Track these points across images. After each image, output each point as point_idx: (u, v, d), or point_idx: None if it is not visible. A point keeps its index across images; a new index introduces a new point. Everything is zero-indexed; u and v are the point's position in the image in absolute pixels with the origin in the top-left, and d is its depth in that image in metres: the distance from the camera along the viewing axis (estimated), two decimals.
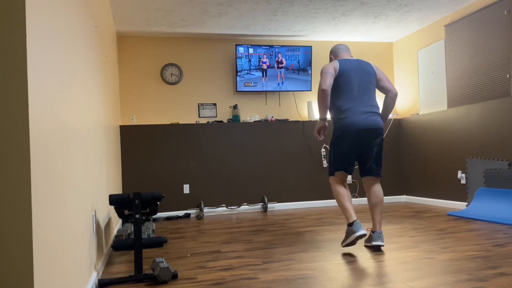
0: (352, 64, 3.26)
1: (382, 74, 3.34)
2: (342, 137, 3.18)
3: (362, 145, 3.17)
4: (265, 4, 4.81)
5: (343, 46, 3.44)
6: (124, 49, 5.82)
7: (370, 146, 3.18)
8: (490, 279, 2.32)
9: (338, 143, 3.22)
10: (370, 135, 3.16)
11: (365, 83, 3.22)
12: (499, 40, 4.58)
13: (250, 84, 5.97)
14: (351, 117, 3.14)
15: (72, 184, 1.93)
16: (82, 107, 2.33)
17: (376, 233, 3.15)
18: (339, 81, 3.22)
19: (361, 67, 3.26)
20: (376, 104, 3.25)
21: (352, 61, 3.29)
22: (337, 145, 3.24)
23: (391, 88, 3.32)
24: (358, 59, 3.32)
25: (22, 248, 1.23)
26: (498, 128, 4.54)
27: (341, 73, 3.21)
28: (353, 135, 3.14)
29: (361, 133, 3.13)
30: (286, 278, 2.51)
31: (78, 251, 2.03)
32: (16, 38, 1.24)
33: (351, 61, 3.28)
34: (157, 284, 2.50)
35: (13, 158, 1.23)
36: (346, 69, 3.22)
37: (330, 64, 3.26)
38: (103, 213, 3.23)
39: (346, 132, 3.15)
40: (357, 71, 3.23)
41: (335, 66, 3.24)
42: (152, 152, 5.53)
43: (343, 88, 3.21)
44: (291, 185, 5.94)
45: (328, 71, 3.20)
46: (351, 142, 3.16)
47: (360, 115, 3.14)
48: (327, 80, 3.17)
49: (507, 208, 4.20)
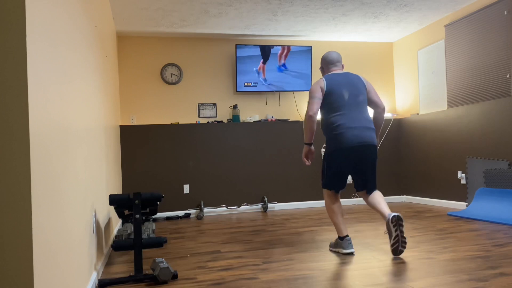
0: (340, 79, 3.19)
1: (371, 88, 3.28)
2: (335, 154, 3.12)
3: (356, 161, 3.11)
4: (265, 4, 4.81)
5: (334, 56, 3.33)
6: (124, 49, 5.81)
7: (364, 161, 3.12)
8: (490, 279, 2.32)
9: (332, 159, 3.16)
10: (364, 151, 3.09)
11: (355, 98, 3.15)
12: (499, 40, 4.58)
13: (250, 84, 5.97)
14: (345, 133, 3.07)
15: (72, 184, 1.93)
16: (82, 107, 2.33)
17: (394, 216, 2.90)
18: (329, 99, 3.15)
19: (350, 81, 3.19)
20: (368, 117, 3.18)
21: (340, 75, 3.22)
22: (330, 161, 3.18)
23: (379, 103, 3.26)
24: (346, 73, 3.24)
25: (22, 248, 1.23)
26: (498, 128, 4.54)
27: (329, 91, 3.15)
28: (347, 152, 3.07)
29: (355, 149, 3.07)
30: (286, 278, 2.51)
31: (78, 251, 2.03)
32: (16, 38, 1.24)
33: (339, 76, 3.21)
34: (157, 284, 2.50)
35: (13, 158, 1.23)
36: (334, 86, 3.16)
37: (316, 84, 3.19)
38: (103, 213, 3.23)
39: (340, 149, 3.09)
40: (346, 85, 3.16)
41: (322, 86, 3.17)
42: (152, 152, 5.53)
43: (333, 104, 3.14)
44: (291, 185, 5.94)
45: (316, 95, 3.16)
46: (345, 159, 3.10)
47: (353, 130, 3.07)
48: (314, 106, 3.14)
49: (507, 208, 4.20)
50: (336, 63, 3.33)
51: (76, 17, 2.24)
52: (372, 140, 3.13)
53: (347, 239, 3.09)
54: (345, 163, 3.12)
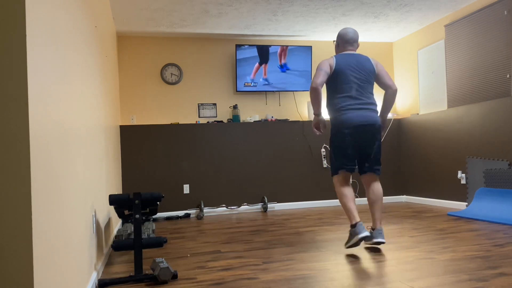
0: (350, 60, 3.20)
1: (382, 70, 3.28)
2: (339, 134, 3.16)
3: (360, 141, 3.15)
4: (265, 4, 4.81)
5: (351, 36, 3.29)
6: (124, 49, 5.82)
7: (368, 142, 3.16)
8: (490, 279, 2.32)
9: (336, 140, 3.20)
10: (367, 131, 3.13)
11: (362, 81, 3.18)
12: (499, 40, 4.58)
13: (250, 84, 5.97)
14: (348, 113, 3.12)
15: (72, 184, 1.93)
16: (82, 107, 2.33)
17: (377, 231, 3.14)
18: (336, 78, 3.19)
19: (360, 63, 3.20)
20: (373, 101, 3.22)
21: (350, 56, 3.23)
22: (335, 142, 3.22)
23: (391, 84, 3.27)
24: (357, 54, 3.26)
25: (22, 248, 1.23)
26: (498, 128, 4.54)
27: (337, 70, 3.18)
28: (350, 131, 3.12)
29: (358, 129, 3.11)
30: (286, 278, 2.51)
31: (78, 251, 2.03)
32: (16, 38, 1.24)
33: (349, 57, 3.22)
34: (157, 284, 2.50)
35: (13, 158, 1.23)
36: (343, 66, 3.18)
37: (326, 61, 3.22)
38: (103, 213, 3.23)
39: (343, 129, 3.13)
40: (354, 67, 3.18)
41: (331, 63, 3.20)
42: (152, 152, 5.53)
43: (339, 85, 3.18)
44: (291, 185, 5.94)
45: (323, 68, 3.17)
46: (349, 139, 3.13)
47: (356, 111, 3.12)
48: (319, 78, 3.15)
49: (507, 208, 4.20)
50: (353, 43, 3.32)
51: (76, 17, 2.24)
52: (375, 120, 3.15)
53: (359, 224, 3.05)
54: (348, 142, 3.14)
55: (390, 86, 3.27)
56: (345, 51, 3.32)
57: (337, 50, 3.40)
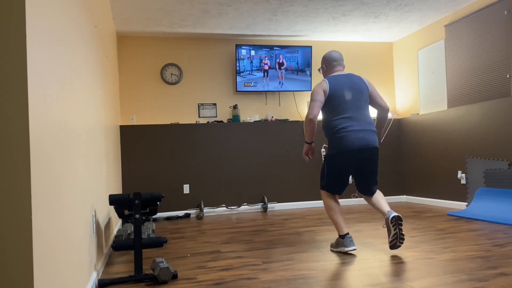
0: (343, 81, 3.18)
1: (374, 90, 3.27)
2: (338, 156, 3.13)
3: (358, 163, 3.13)
4: (265, 4, 4.81)
5: (337, 56, 3.32)
6: (124, 49, 5.82)
7: (367, 165, 3.14)
8: (490, 279, 2.32)
9: (333, 161, 3.17)
10: (366, 154, 3.10)
11: (357, 100, 3.15)
12: (499, 40, 4.58)
13: (250, 84, 5.97)
14: (347, 136, 3.08)
15: (72, 184, 1.93)
16: (82, 107, 2.33)
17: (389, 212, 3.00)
18: (331, 101, 3.16)
19: (353, 83, 3.18)
20: (370, 120, 3.18)
21: (343, 77, 3.21)
22: (331, 163, 3.19)
23: (384, 104, 3.27)
24: (349, 74, 3.24)
25: (22, 248, 1.23)
26: (498, 128, 4.54)
27: (332, 93, 3.15)
28: (348, 154, 3.09)
29: (357, 153, 3.08)
30: (286, 278, 2.51)
31: (78, 251, 2.03)
32: (16, 38, 1.24)
33: (342, 78, 3.20)
34: (157, 284, 2.50)
35: (13, 158, 1.23)
36: (337, 88, 3.16)
37: (319, 87, 3.18)
38: (103, 213, 3.23)
39: (342, 152, 3.09)
40: (349, 88, 3.16)
41: (325, 87, 3.17)
42: (152, 152, 5.53)
43: (336, 107, 3.14)
44: (291, 185, 5.94)
45: (317, 98, 3.15)
46: (347, 161, 3.11)
47: (356, 133, 3.08)
48: (314, 109, 3.14)
49: (507, 208, 4.20)
50: (340, 61, 3.32)
51: (76, 17, 2.24)
52: (374, 142, 3.14)
53: (348, 237, 3.09)
54: (347, 165, 3.14)
55: (383, 107, 3.27)
56: (335, 72, 3.30)
57: (325, 74, 3.39)
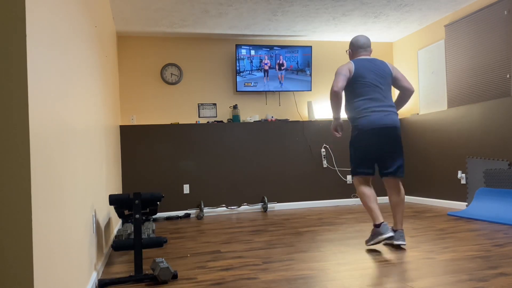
0: (368, 65, 3.27)
1: (398, 73, 3.36)
2: (359, 136, 3.22)
3: (381, 143, 3.19)
4: (265, 4, 4.81)
5: (363, 41, 3.39)
6: (124, 49, 5.82)
7: (390, 144, 3.21)
8: (490, 279, 2.32)
9: (356, 142, 3.26)
10: (387, 134, 3.18)
11: (380, 83, 3.24)
12: (499, 40, 4.58)
13: (250, 84, 5.97)
14: (368, 116, 3.17)
15: (72, 184, 1.93)
16: (82, 107, 2.33)
17: (398, 233, 3.18)
18: (355, 82, 3.25)
19: (377, 67, 3.27)
20: (392, 103, 3.28)
21: (368, 61, 3.30)
22: (355, 144, 3.28)
23: (409, 86, 3.35)
24: (374, 59, 3.33)
25: (22, 248, 1.23)
26: (498, 128, 4.54)
27: (356, 75, 3.24)
28: (370, 133, 3.17)
29: (377, 131, 3.16)
30: (286, 278, 2.51)
31: (78, 251, 2.03)
32: (16, 38, 1.24)
33: (366, 61, 3.29)
34: (157, 284, 2.50)
35: (13, 158, 1.23)
36: (361, 70, 3.24)
37: (345, 65, 3.27)
38: (103, 213, 3.23)
39: (363, 131, 3.18)
40: (372, 71, 3.25)
41: (350, 68, 3.26)
42: (152, 152, 5.53)
43: (359, 89, 3.24)
44: (291, 185, 5.94)
45: (342, 72, 3.23)
46: (369, 141, 3.19)
47: (378, 113, 3.17)
48: (339, 82, 3.20)
49: (507, 208, 4.20)
50: (367, 48, 3.41)
51: (76, 17, 2.24)
52: (395, 123, 3.21)
53: (384, 224, 3.10)
54: (369, 145, 3.20)
55: (408, 89, 3.35)
56: (360, 56, 3.39)
57: (351, 57, 3.47)
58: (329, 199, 6.03)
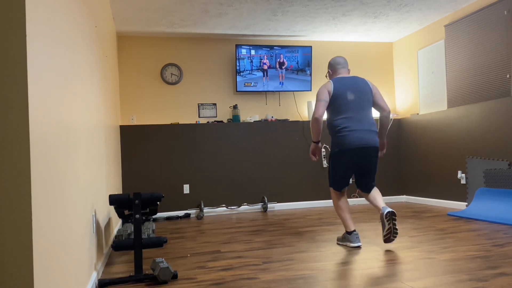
0: (347, 83, 3.33)
1: (377, 92, 3.42)
2: (339, 154, 3.31)
3: (359, 162, 3.30)
4: (265, 4, 4.81)
5: (341, 61, 3.50)
6: (124, 49, 5.82)
7: (366, 162, 3.31)
8: (490, 279, 2.32)
9: (336, 159, 3.36)
10: (365, 153, 3.27)
11: (361, 101, 3.31)
12: (499, 40, 4.58)
13: (250, 84, 5.97)
14: (348, 135, 3.24)
15: (72, 184, 1.93)
16: (82, 107, 2.33)
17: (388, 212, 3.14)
18: (335, 101, 3.31)
19: (357, 85, 3.33)
20: (372, 121, 3.34)
21: (347, 79, 3.37)
22: (334, 161, 3.38)
23: (385, 106, 3.41)
24: (353, 76, 3.40)
25: (22, 248, 1.23)
26: (498, 128, 4.54)
27: (336, 94, 3.31)
28: (350, 153, 3.26)
29: (357, 151, 3.25)
30: (286, 278, 2.51)
31: (78, 251, 2.03)
32: (16, 38, 1.24)
33: (346, 79, 3.36)
34: (157, 284, 2.50)
35: (13, 158, 1.23)
36: (341, 89, 3.31)
37: (324, 87, 3.34)
38: (103, 213, 3.23)
39: (343, 150, 3.27)
40: (352, 89, 3.31)
41: (329, 89, 3.33)
42: (152, 152, 5.53)
43: (340, 107, 3.30)
44: (291, 185, 5.94)
45: (322, 98, 3.31)
46: (348, 159, 3.29)
47: (356, 133, 3.24)
48: (319, 109, 3.30)
49: (507, 208, 4.20)
50: (345, 65, 3.50)
51: (76, 17, 2.24)
52: (374, 142, 3.29)
53: (354, 234, 3.29)
54: (347, 163, 3.31)
55: (384, 109, 3.41)
56: (339, 75, 3.47)
57: (331, 78, 3.55)
58: (329, 199, 6.03)
